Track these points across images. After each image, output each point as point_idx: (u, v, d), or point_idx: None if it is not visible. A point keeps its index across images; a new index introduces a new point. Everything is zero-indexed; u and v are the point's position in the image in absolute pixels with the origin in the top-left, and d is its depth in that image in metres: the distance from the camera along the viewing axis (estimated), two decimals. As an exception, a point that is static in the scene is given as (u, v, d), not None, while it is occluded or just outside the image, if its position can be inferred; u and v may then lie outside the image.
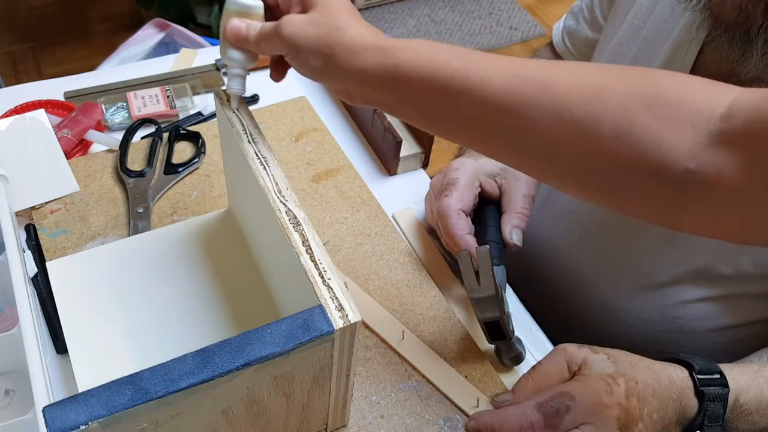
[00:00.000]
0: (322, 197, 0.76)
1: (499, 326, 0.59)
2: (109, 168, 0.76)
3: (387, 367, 0.62)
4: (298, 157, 0.80)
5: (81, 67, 1.10)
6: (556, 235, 0.77)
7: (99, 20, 2.30)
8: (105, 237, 0.70)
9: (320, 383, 0.49)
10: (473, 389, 0.61)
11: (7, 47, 2.17)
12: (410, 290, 0.68)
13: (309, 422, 0.54)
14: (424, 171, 0.81)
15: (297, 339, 0.43)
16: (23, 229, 0.69)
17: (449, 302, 0.68)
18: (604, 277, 0.73)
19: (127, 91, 0.84)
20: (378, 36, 0.48)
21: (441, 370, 0.62)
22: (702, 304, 0.66)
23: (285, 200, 0.51)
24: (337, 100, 0.88)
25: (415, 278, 0.70)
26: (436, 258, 0.72)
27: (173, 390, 0.41)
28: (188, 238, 0.67)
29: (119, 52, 1.33)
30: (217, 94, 0.58)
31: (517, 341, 0.62)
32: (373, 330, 0.65)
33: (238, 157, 0.56)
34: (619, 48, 0.70)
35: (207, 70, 0.89)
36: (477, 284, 0.57)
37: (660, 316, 0.70)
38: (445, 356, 0.63)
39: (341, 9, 0.49)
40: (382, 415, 0.59)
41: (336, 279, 0.47)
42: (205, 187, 0.76)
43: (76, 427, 0.39)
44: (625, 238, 0.70)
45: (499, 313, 0.58)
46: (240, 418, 0.47)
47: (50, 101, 0.82)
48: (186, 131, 0.81)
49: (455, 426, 0.59)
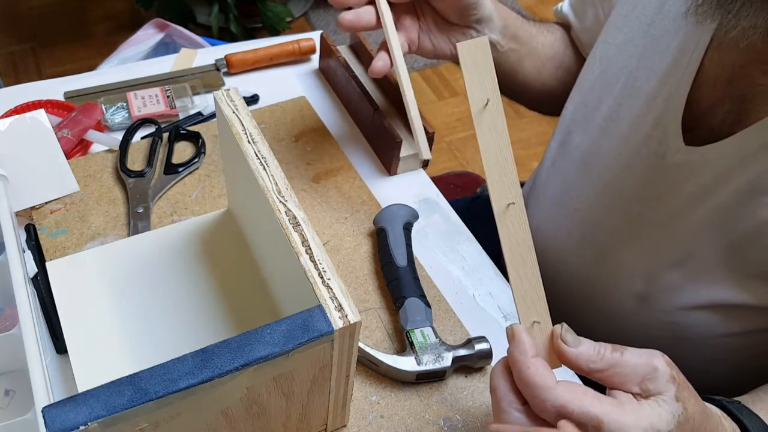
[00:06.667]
0: (322, 197, 0.76)
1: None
2: (109, 168, 0.76)
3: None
4: (298, 157, 0.80)
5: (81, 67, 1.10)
6: (557, 236, 0.77)
7: (99, 20, 2.30)
8: (105, 237, 0.70)
9: (320, 383, 0.49)
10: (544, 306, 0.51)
11: (7, 47, 2.17)
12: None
13: (309, 422, 0.54)
14: (424, 171, 0.81)
15: (297, 339, 0.43)
16: (23, 229, 0.69)
17: (448, 302, 0.68)
18: (604, 280, 0.73)
19: (127, 91, 0.84)
20: None
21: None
22: (700, 312, 0.66)
23: (284, 200, 0.51)
24: (337, 100, 0.88)
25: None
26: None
27: (173, 390, 0.41)
28: (188, 238, 0.67)
29: (119, 52, 1.33)
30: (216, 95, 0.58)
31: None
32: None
33: (238, 158, 0.56)
34: (626, 44, 0.70)
35: (207, 70, 0.89)
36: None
37: (658, 323, 0.69)
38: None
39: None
40: (382, 415, 0.59)
41: (336, 279, 0.47)
42: (205, 187, 0.76)
43: (76, 428, 0.39)
44: (625, 242, 0.70)
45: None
46: (240, 419, 0.47)
47: (50, 101, 0.82)
48: (186, 131, 0.81)
49: (455, 426, 0.59)
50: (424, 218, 0.76)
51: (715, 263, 0.63)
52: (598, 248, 0.73)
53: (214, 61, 0.90)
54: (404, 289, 0.65)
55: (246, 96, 0.86)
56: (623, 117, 0.68)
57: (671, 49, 0.65)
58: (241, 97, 0.58)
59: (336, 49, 0.86)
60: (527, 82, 0.84)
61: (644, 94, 0.66)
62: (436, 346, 0.61)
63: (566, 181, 0.76)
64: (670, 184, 0.64)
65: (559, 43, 0.85)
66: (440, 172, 1.42)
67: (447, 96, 2.16)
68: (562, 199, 0.77)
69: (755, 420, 0.51)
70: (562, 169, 0.77)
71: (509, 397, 0.46)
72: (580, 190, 0.74)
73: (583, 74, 0.77)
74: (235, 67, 0.89)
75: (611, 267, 0.72)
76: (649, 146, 0.65)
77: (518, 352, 0.46)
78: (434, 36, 0.73)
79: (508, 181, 0.51)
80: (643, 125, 0.66)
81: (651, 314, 0.69)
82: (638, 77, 0.67)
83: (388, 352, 0.63)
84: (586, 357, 0.46)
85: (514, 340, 0.47)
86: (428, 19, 0.73)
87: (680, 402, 0.45)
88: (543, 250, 0.77)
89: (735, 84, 0.60)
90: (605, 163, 0.70)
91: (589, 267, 0.74)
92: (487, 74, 0.52)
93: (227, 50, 0.91)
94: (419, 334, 0.62)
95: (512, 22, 0.79)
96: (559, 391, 0.44)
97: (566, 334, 0.47)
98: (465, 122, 2.07)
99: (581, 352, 0.46)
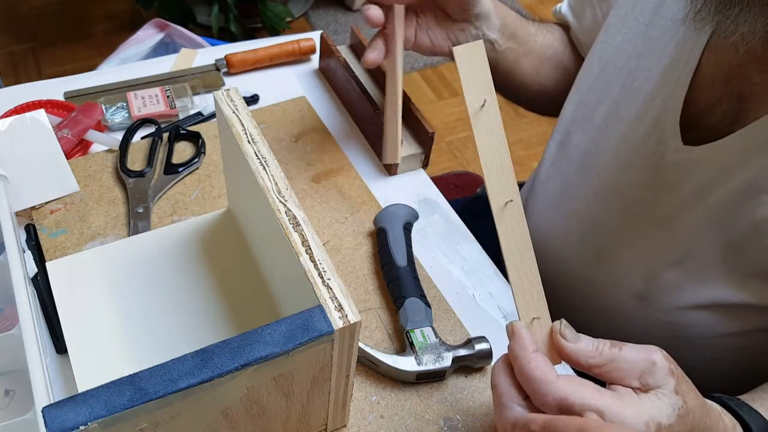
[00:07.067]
0: (322, 197, 0.76)
1: None
2: (109, 168, 0.76)
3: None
4: (298, 157, 0.80)
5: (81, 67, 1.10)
6: (557, 235, 0.77)
7: (99, 20, 2.30)
8: (105, 237, 0.70)
9: (320, 383, 0.49)
10: (543, 302, 0.51)
11: (7, 47, 2.17)
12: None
13: (309, 422, 0.54)
14: (424, 171, 0.81)
15: (297, 339, 0.43)
16: (23, 229, 0.69)
17: (448, 302, 0.68)
18: (603, 280, 0.73)
19: (127, 91, 0.84)
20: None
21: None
22: (699, 312, 0.66)
23: (284, 200, 0.51)
24: (337, 100, 0.88)
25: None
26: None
27: (172, 390, 0.41)
28: (188, 238, 0.67)
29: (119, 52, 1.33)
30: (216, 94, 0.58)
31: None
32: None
33: (238, 158, 0.56)
34: (624, 45, 0.70)
35: (207, 70, 0.89)
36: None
37: (657, 322, 0.69)
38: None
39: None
40: (382, 415, 0.59)
41: (336, 279, 0.47)
42: (205, 187, 0.76)
43: (76, 428, 0.39)
44: (624, 241, 0.70)
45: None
46: (240, 419, 0.47)
47: (50, 101, 0.82)
48: (186, 131, 0.81)
49: (455, 426, 0.59)
50: (424, 218, 0.76)
51: (714, 262, 0.63)
52: (597, 248, 0.73)
53: (214, 61, 0.90)
54: (404, 289, 0.65)
55: (246, 96, 0.86)
56: (622, 117, 0.68)
57: (669, 50, 0.65)
58: (241, 97, 0.58)
59: (336, 49, 0.86)
60: (525, 81, 0.84)
61: (643, 94, 0.66)
62: (436, 346, 0.61)
63: (565, 181, 0.76)
64: (668, 184, 0.64)
65: (558, 43, 0.86)
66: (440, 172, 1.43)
67: (447, 96, 2.15)
68: (561, 199, 0.77)
69: (755, 416, 0.52)
70: (562, 169, 0.77)
71: (511, 392, 0.47)
72: (580, 190, 0.74)
73: (582, 74, 0.77)
74: (235, 67, 0.89)
75: (610, 267, 0.72)
76: (648, 146, 0.65)
77: (519, 348, 0.46)
78: (432, 32, 0.74)
79: (505, 179, 0.51)
80: (642, 125, 0.66)
81: (650, 314, 0.69)
82: (637, 77, 0.68)
83: (388, 352, 0.63)
84: (585, 352, 0.46)
85: (515, 336, 0.47)
86: (428, 15, 0.73)
87: (680, 395, 0.45)
88: (542, 249, 0.77)
89: (733, 83, 0.60)
90: (604, 163, 0.71)
91: (589, 267, 0.74)
92: (483, 76, 0.53)
93: (227, 50, 0.91)
94: (419, 334, 0.62)
95: (511, 21, 0.79)
96: (560, 385, 0.44)
97: (565, 329, 0.48)
98: (465, 122, 2.07)
99: (580, 347, 0.47)
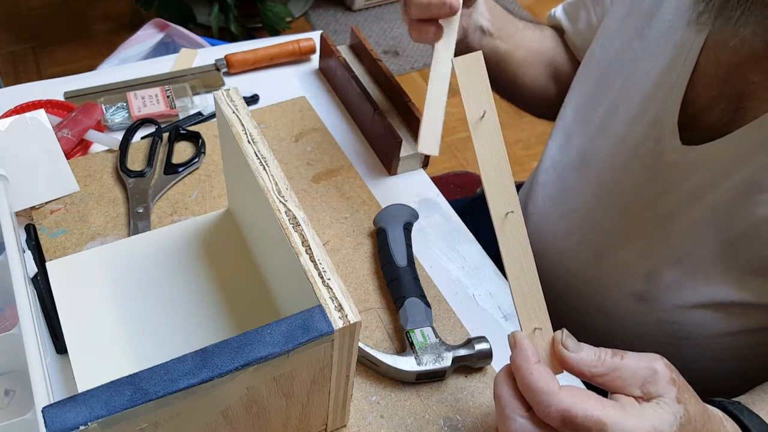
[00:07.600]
0: (322, 197, 0.76)
1: None
2: (109, 168, 0.76)
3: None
4: (298, 157, 0.80)
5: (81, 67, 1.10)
6: (557, 235, 0.77)
7: (99, 20, 2.30)
8: (105, 237, 0.70)
9: (320, 383, 0.49)
10: (544, 312, 0.51)
11: (7, 47, 2.17)
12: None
13: (309, 422, 0.54)
14: (424, 171, 0.81)
15: (297, 339, 0.43)
16: (23, 229, 0.69)
17: (448, 302, 0.68)
18: (603, 280, 0.73)
19: (127, 91, 0.84)
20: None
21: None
22: (699, 311, 0.66)
23: (284, 200, 0.51)
24: (337, 100, 0.88)
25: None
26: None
27: (172, 390, 0.41)
28: (188, 238, 0.67)
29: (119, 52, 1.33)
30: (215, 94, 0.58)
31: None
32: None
33: (238, 158, 0.56)
34: (623, 47, 0.70)
35: (207, 70, 0.89)
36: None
37: (657, 322, 0.69)
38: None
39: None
40: (382, 415, 0.59)
41: (336, 279, 0.47)
42: (205, 187, 0.76)
43: (76, 428, 0.39)
44: (623, 241, 0.70)
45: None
46: (240, 419, 0.47)
47: (50, 101, 0.82)
48: (186, 131, 0.81)
49: (455, 426, 0.59)
50: (424, 218, 0.76)
51: (713, 261, 0.63)
52: (596, 248, 0.73)
53: (214, 61, 0.90)
54: (404, 289, 0.65)
55: (246, 96, 0.86)
56: (620, 117, 0.69)
57: (667, 51, 0.65)
58: (241, 97, 0.58)
59: (336, 49, 0.86)
60: (516, 75, 0.84)
61: (641, 94, 0.66)
62: (436, 346, 0.61)
63: (564, 181, 0.77)
64: (667, 183, 0.64)
65: (549, 40, 0.86)
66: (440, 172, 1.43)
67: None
68: (560, 200, 0.77)
69: (756, 420, 0.52)
70: (561, 170, 0.77)
71: (513, 403, 0.47)
72: (578, 191, 0.74)
73: (581, 78, 0.77)
74: (235, 67, 0.89)
75: (610, 266, 0.72)
76: (647, 146, 0.65)
77: (521, 359, 0.46)
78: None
79: (505, 190, 0.51)
80: (640, 125, 0.66)
81: (650, 313, 0.69)
82: (635, 79, 0.68)
83: (388, 352, 0.63)
84: (587, 362, 0.46)
85: (517, 347, 0.47)
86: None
87: (681, 404, 0.45)
88: (542, 250, 0.78)
89: (731, 83, 0.61)
90: (603, 163, 0.71)
91: (588, 267, 0.74)
92: (482, 87, 0.53)
93: (227, 50, 0.91)
94: (419, 334, 0.62)
95: (498, 13, 0.80)
96: (563, 396, 0.44)
97: (567, 339, 0.48)
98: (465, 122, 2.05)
99: (582, 357, 0.47)
